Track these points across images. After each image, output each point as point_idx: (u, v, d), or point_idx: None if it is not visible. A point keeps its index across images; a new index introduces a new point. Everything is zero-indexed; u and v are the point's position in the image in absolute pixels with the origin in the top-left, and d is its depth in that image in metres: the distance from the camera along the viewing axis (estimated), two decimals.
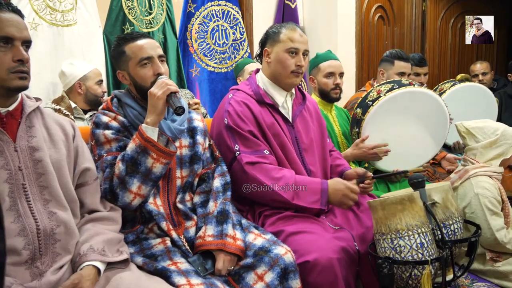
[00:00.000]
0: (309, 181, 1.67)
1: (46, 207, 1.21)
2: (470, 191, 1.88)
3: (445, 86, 2.80)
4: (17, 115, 1.23)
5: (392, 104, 2.14)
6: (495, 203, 1.85)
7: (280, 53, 1.77)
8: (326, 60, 2.47)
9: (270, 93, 1.82)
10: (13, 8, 1.19)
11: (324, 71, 2.45)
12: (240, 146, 1.69)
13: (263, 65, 1.87)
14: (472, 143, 1.98)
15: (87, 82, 2.46)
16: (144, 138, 1.40)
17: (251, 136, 1.70)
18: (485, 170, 1.91)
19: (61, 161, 1.28)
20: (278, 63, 1.78)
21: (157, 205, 1.51)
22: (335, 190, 1.65)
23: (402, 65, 2.67)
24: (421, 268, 1.33)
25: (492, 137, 1.94)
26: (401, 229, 1.36)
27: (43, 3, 2.54)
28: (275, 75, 1.81)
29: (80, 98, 2.47)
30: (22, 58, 1.17)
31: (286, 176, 1.65)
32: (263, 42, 1.84)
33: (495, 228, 1.81)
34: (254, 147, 1.69)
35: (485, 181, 1.88)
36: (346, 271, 1.51)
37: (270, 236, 1.54)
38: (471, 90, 2.83)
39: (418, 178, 1.49)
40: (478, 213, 1.83)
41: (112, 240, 1.30)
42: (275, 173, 1.65)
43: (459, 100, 2.73)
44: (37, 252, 1.16)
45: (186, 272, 1.31)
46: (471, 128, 1.98)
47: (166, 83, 1.45)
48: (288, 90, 1.85)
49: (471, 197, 1.86)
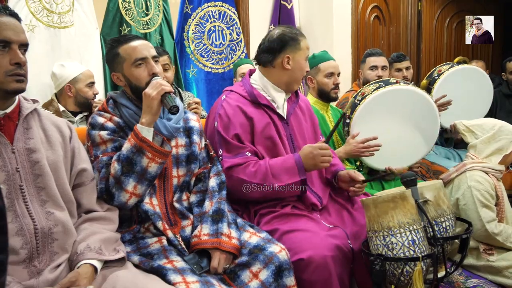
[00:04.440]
0: (282, 160, 1.71)
1: (44, 207, 1.23)
2: (464, 183, 1.95)
3: (444, 67, 2.84)
4: (14, 117, 1.25)
5: (379, 103, 2.16)
6: (487, 196, 1.90)
7: (302, 61, 1.82)
8: (325, 60, 2.51)
9: (269, 95, 1.83)
10: (10, 12, 1.21)
11: (324, 71, 2.48)
12: (223, 151, 1.73)
13: (272, 70, 1.82)
14: (472, 140, 2.05)
15: (77, 84, 2.43)
16: (139, 138, 1.42)
17: (235, 141, 1.72)
18: (482, 165, 1.97)
19: (58, 162, 1.30)
20: (299, 70, 1.82)
21: (153, 205, 1.53)
22: (306, 156, 1.69)
23: (371, 60, 2.91)
24: (413, 265, 1.35)
25: (490, 132, 2.00)
26: (393, 226, 1.38)
27: (40, 5, 2.56)
28: (290, 81, 1.83)
29: (70, 100, 2.45)
30: (19, 61, 1.19)
31: (261, 165, 1.68)
32: (280, 48, 1.78)
33: (485, 220, 1.86)
34: (236, 150, 1.72)
35: (479, 175, 1.94)
36: (340, 268, 1.53)
37: (265, 234, 1.56)
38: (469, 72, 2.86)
39: (410, 177, 1.52)
40: (470, 205, 1.90)
41: (109, 239, 1.32)
42: (252, 167, 1.68)
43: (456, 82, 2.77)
44: (34, 251, 1.18)
45: (182, 270, 1.33)
46: (470, 126, 2.05)
47: (160, 84, 1.47)
48: (291, 92, 1.89)
49: (464, 189, 1.93)
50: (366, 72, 2.92)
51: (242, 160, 1.69)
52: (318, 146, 1.69)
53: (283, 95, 1.85)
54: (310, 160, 1.68)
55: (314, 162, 1.69)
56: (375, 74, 2.83)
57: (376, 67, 2.88)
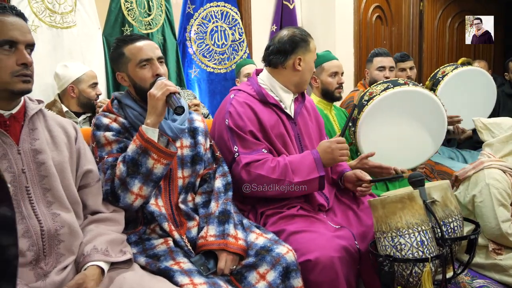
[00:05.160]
0: (300, 156, 1.72)
1: (50, 209, 1.22)
2: (482, 180, 1.94)
3: (447, 69, 2.84)
4: (20, 118, 1.24)
5: (387, 103, 2.15)
6: (504, 195, 1.90)
7: (311, 63, 1.84)
8: (329, 60, 2.52)
9: (277, 95, 1.83)
10: (16, 12, 1.20)
11: (329, 71, 2.49)
12: (239, 148, 1.70)
13: (283, 71, 1.81)
14: (489, 138, 2.05)
15: (80, 85, 2.43)
16: (145, 139, 1.41)
17: (250, 137, 1.71)
18: (500, 164, 1.97)
19: (64, 163, 1.29)
20: (309, 71, 1.84)
21: (158, 206, 1.52)
22: (324, 151, 1.70)
23: (379, 60, 2.87)
24: (422, 266, 1.34)
25: (508, 131, 2.00)
26: (402, 227, 1.37)
27: (43, 5, 2.55)
28: (300, 82, 1.83)
29: (73, 101, 2.46)
30: (26, 61, 1.18)
31: (279, 161, 1.68)
32: (292, 49, 1.78)
33: (501, 219, 1.86)
34: (253, 147, 1.71)
35: (497, 174, 1.94)
36: (347, 269, 1.52)
37: (271, 235, 1.55)
38: (472, 74, 2.85)
39: (418, 177, 1.51)
40: (486, 203, 1.90)
41: (115, 240, 1.31)
42: (270, 163, 1.68)
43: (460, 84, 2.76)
44: (41, 253, 1.17)
45: (189, 272, 1.33)
46: (488, 124, 2.06)
47: (165, 84, 1.46)
48: (298, 93, 1.89)
49: (482, 186, 1.93)
50: (373, 72, 2.90)
51: (260, 157, 1.69)
52: (335, 140, 1.71)
53: (291, 96, 1.85)
54: (329, 154, 1.69)
55: (332, 156, 1.69)
56: (383, 75, 2.81)
57: (384, 67, 2.85)
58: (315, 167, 1.67)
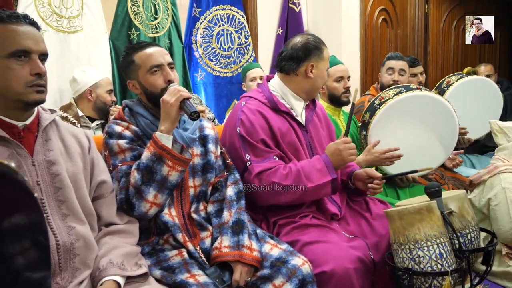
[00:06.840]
0: (311, 162, 1.71)
1: (65, 221, 1.19)
2: (497, 184, 1.96)
3: (452, 78, 2.82)
4: (33, 128, 1.22)
5: (399, 108, 2.14)
6: None
7: (324, 71, 1.82)
8: (334, 65, 2.49)
9: (288, 102, 1.81)
10: (30, 21, 1.18)
11: (333, 76, 2.46)
12: (251, 156, 1.69)
13: (295, 78, 1.79)
14: (504, 142, 2.06)
15: (98, 89, 2.47)
16: (159, 146, 1.39)
17: (262, 146, 1.70)
18: None
19: (78, 174, 1.26)
20: (321, 79, 1.82)
21: (172, 216, 1.50)
22: (332, 153, 1.70)
23: (389, 63, 2.85)
24: (441, 279, 1.32)
25: None
26: (420, 239, 1.35)
27: (50, 9, 2.52)
28: (311, 89, 1.82)
29: (89, 105, 2.47)
30: (39, 71, 1.16)
31: (291, 167, 1.68)
32: (305, 56, 1.76)
33: None
34: (265, 155, 1.69)
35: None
36: (362, 280, 1.50)
37: (286, 246, 1.53)
38: (478, 83, 2.84)
39: (435, 187, 1.49)
40: (502, 206, 1.91)
41: (131, 253, 1.29)
42: (282, 170, 1.67)
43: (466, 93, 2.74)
44: (57, 267, 1.15)
45: (205, 285, 1.30)
46: (504, 127, 2.07)
47: (178, 90, 1.45)
48: (309, 100, 1.88)
49: (498, 190, 1.95)
50: (383, 75, 2.87)
51: (272, 164, 1.68)
52: (342, 141, 1.70)
53: (302, 104, 1.83)
54: (338, 156, 1.68)
55: (341, 157, 1.68)
56: (391, 78, 2.78)
57: (393, 70, 2.80)
58: (326, 170, 1.67)
